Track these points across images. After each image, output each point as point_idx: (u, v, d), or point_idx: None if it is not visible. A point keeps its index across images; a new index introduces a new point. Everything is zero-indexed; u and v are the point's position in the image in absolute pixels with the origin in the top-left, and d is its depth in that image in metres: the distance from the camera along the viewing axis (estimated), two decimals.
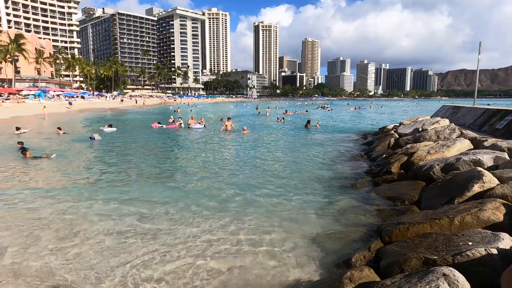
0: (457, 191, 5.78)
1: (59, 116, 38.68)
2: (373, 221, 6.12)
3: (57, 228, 6.08)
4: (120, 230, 5.97)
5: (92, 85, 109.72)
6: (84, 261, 4.88)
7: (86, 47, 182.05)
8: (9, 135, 19.90)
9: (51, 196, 8.00)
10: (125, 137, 19.77)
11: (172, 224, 6.25)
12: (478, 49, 18.30)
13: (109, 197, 7.88)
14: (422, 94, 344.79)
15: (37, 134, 21.16)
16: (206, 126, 25.20)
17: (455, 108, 18.20)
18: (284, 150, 15.35)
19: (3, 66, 71.77)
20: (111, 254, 5.07)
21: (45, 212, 6.89)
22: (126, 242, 5.50)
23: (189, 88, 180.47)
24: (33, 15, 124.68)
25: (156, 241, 5.52)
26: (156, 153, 14.49)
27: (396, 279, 3.33)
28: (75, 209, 7.06)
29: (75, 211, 6.94)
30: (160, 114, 45.67)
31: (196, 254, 5.10)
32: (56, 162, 12.17)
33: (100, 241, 5.53)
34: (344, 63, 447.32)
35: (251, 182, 9.31)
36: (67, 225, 6.20)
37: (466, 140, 9.20)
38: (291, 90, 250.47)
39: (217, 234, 5.81)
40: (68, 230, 6.00)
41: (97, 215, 6.70)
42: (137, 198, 7.78)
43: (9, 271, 4.62)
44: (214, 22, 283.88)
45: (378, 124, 28.81)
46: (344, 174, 10.10)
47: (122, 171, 10.75)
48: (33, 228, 6.06)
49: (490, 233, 3.82)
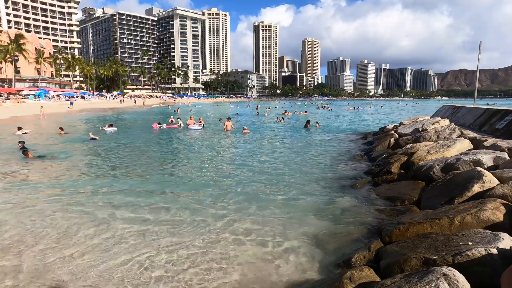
0: (457, 191, 5.78)
1: (59, 116, 38.71)
2: (373, 221, 6.11)
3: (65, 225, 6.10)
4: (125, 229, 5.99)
5: (92, 85, 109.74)
6: (90, 259, 4.89)
7: (86, 47, 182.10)
8: (9, 135, 19.92)
9: (57, 194, 8.01)
10: (126, 137, 19.77)
11: (172, 224, 6.25)
12: (478, 49, 18.30)
13: (112, 195, 7.89)
14: (422, 94, 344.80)
15: (39, 134, 21.15)
16: (205, 127, 25.16)
17: (455, 108, 18.20)
18: (284, 150, 15.34)
19: (3, 66, 71.79)
20: (115, 252, 5.08)
21: (51, 210, 6.90)
22: (130, 239, 5.51)
23: (189, 88, 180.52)
24: (33, 15, 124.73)
25: (154, 239, 5.53)
26: (157, 154, 14.49)
27: (396, 279, 3.32)
28: (84, 207, 7.07)
29: (84, 209, 6.95)
30: (160, 114, 45.66)
31: (196, 254, 5.10)
32: (59, 161, 12.18)
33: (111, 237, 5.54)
34: (344, 63, 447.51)
35: (251, 182, 9.30)
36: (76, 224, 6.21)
37: (466, 140, 9.20)
38: (291, 90, 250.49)
39: (216, 233, 5.82)
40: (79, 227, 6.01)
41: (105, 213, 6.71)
42: (143, 194, 7.79)
43: (13, 268, 4.63)
44: (214, 22, 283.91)
45: (377, 124, 28.83)
46: (344, 174, 10.10)
47: (125, 170, 10.77)
48: (41, 226, 6.07)
49: (490, 233, 3.82)
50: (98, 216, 6.65)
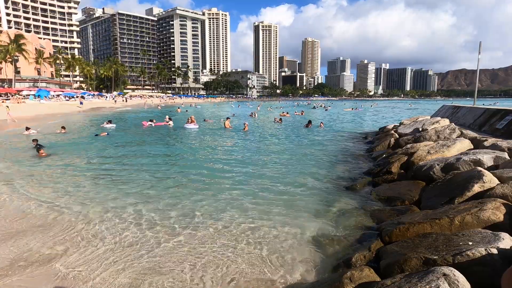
0: (457, 191, 5.78)
1: (68, 115, 38.68)
2: (373, 221, 6.11)
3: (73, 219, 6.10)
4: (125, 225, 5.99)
5: (92, 85, 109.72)
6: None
7: (86, 47, 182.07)
8: (18, 135, 20.19)
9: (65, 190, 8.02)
10: (127, 135, 19.78)
11: (171, 224, 6.25)
12: (478, 49, 18.29)
13: (112, 190, 7.90)
14: (422, 94, 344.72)
15: (44, 134, 21.19)
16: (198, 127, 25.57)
17: (455, 108, 18.19)
18: (283, 150, 15.33)
19: (3, 66, 71.77)
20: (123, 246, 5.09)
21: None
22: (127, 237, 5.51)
23: (189, 88, 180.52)
24: (33, 15, 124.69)
25: (152, 237, 5.53)
26: (158, 153, 14.49)
27: (396, 279, 3.32)
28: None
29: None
30: (161, 113, 45.63)
31: (196, 253, 5.10)
32: (66, 158, 12.21)
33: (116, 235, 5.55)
34: (344, 63, 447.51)
35: (251, 182, 9.29)
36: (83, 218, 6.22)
37: (466, 140, 9.20)
38: (291, 90, 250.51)
39: (216, 234, 5.81)
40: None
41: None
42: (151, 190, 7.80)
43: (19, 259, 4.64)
44: (214, 22, 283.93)
45: (376, 124, 28.83)
46: (344, 174, 10.10)
47: (129, 167, 10.77)
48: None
49: (490, 233, 3.82)
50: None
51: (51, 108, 44.73)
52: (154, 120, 28.48)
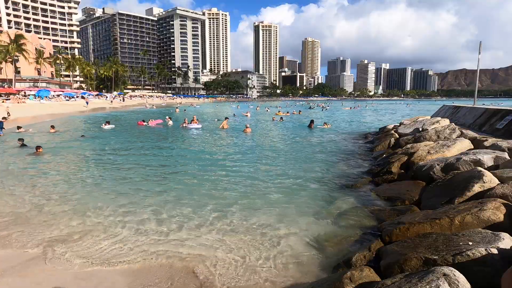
0: (457, 191, 5.78)
1: (76, 114, 38.69)
2: (373, 221, 6.10)
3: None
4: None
5: (92, 85, 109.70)
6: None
7: (86, 47, 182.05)
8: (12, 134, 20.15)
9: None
10: (126, 134, 19.79)
11: (171, 224, 6.26)
12: (478, 49, 18.29)
13: (112, 189, 7.90)
14: (422, 94, 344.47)
15: (41, 133, 21.20)
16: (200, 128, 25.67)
17: (455, 108, 18.19)
18: (284, 150, 15.33)
19: (3, 66, 71.71)
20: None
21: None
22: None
23: (189, 88, 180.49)
24: (33, 15, 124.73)
25: (151, 235, 5.54)
26: (160, 152, 14.51)
27: (397, 279, 3.32)
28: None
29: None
30: (161, 113, 45.65)
31: (195, 253, 5.10)
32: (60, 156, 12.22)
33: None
34: (344, 63, 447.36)
35: (251, 182, 9.29)
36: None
37: (466, 140, 9.20)
38: (291, 90, 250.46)
39: (216, 234, 5.82)
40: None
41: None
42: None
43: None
44: (214, 22, 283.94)
45: (374, 124, 28.81)
46: (344, 174, 10.10)
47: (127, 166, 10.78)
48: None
49: (491, 233, 3.82)
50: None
51: (52, 108, 44.71)
52: (151, 120, 28.97)
